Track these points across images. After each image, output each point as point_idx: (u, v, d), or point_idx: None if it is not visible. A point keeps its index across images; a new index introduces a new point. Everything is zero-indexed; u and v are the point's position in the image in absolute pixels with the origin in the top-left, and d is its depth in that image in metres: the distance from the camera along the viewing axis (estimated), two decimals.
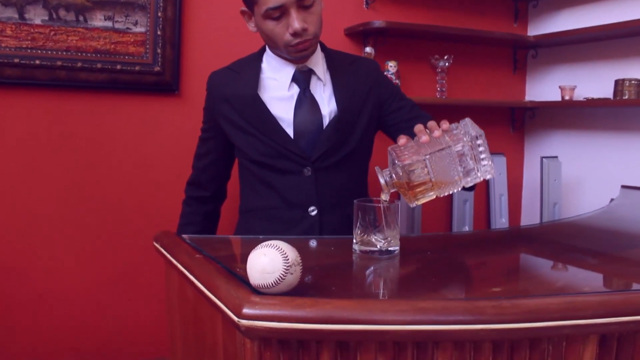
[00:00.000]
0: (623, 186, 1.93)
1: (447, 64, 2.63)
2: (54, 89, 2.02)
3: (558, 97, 2.67)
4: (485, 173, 1.09)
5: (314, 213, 1.44)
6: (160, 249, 1.15)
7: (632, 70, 2.46)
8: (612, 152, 2.59)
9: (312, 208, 1.44)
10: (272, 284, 0.80)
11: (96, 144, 2.10)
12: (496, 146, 2.86)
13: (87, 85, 2.04)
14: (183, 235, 1.22)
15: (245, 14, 1.45)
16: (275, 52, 1.47)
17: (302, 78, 1.46)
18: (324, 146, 1.43)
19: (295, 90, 1.46)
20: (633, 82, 2.33)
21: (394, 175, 1.08)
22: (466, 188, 1.13)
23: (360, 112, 1.48)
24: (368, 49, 2.43)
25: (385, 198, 1.09)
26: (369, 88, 1.50)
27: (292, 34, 1.36)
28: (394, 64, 2.46)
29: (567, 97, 2.61)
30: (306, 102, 1.45)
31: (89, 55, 2.03)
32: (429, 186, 1.07)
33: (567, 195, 2.77)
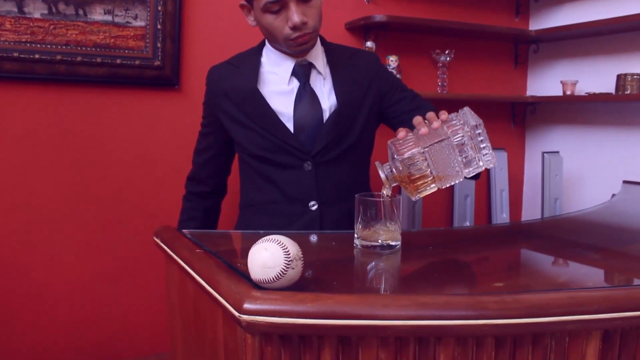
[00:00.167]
0: (625, 181, 1.93)
1: (448, 59, 2.62)
2: (53, 84, 2.01)
3: (559, 92, 2.67)
4: (486, 162, 1.08)
5: (314, 208, 1.44)
6: (161, 243, 1.14)
7: (634, 65, 2.45)
8: (613, 147, 2.59)
9: (312, 203, 1.44)
10: (273, 279, 0.79)
11: (96, 139, 2.09)
12: (497, 141, 2.86)
13: (87, 79, 2.04)
14: (183, 230, 1.22)
15: (245, 8, 1.44)
16: (274, 46, 1.46)
17: (302, 72, 1.46)
18: (324, 140, 1.42)
19: (295, 84, 1.46)
20: (635, 76, 2.33)
21: (394, 169, 1.07)
22: (470, 177, 1.12)
23: (360, 105, 1.47)
24: (369, 44, 2.42)
25: (387, 192, 1.09)
26: (369, 81, 1.50)
27: (291, 28, 1.35)
28: (395, 58, 2.45)
29: (568, 92, 2.60)
30: (306, 96, 1.44)
31: (88, 49, 2.02)
32: (429, 179, 1.07)
33: (568, 190, 2.76)
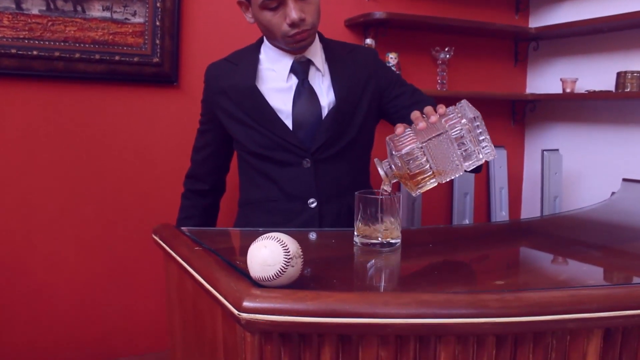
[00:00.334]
0: (624, 179, 1.93)
1: (447, 56, 2.61)
2: (51, 80, 2.00)
3: (559, 89, 2.66)
4: (486, 155, 1.07)
5: (313, 205, 1.43)
6: (160, 241, 1.14)
7: (634, 63, 2.44)
8: (613, 145, 2.58)
9: (311, 200, 1.43)
10: (272, 277, 0.79)
11: (94, 136, 2.08)
12: (497, 139, 2.85)
13: (85, 76, 2.02)
14: (182, 227, 1.21)
15: (242, 5, 1.44)
16: (273, 43, 1.46)
17: (301, 69, 1.45)
18: (323, 137, 1.41)
19: (294, 81, 1.45)
20: (635, 74, 2.32)
21: (392, 165, 1.06)
22: (470, 171, 1.12)
23: (359, 101, 1.46)
24: (369, 41, 2.42)
25: (387, 189, 1.08)
26: (368, 76, 1.49)
27: (289, 25, 1.35)
28: (395, 55, 2.45)
29: (568, 90, 2.60)
30: (305, 93, 1.43)
31: (87, 46, 2.01)
32: (429, 174, 1.06)
33: (567, 188, 2.76)
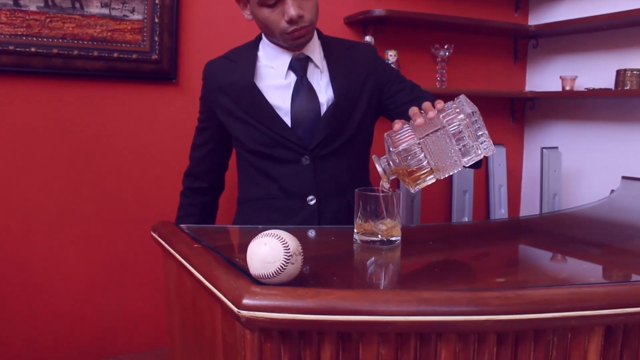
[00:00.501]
0: (624, 177, 1.93)
1: (447, 54, 2.61)
2: (49, 77, 1.99)
3: (559, 87, 2.66)
4: (484, 150, 1.07)
5: (312, 202, 1.43)
6: (158, 238, 1.13)
7: (633, 61, 2.44)
8: (613, 143, 2.58)
9: (310, 197, 1.43)
10: (272, 274, 0.78)
11: (93, 133, 2.08)
12: (496, 137, 2.84)
13: (84, 73, 2.02)
14: (181, 225, 1.21)
15: (241, 2, 1.43)
16: (271, 40, 1.45)
17: (299, 66, 1.45)
18: (322, 134, 1.41)
19: (292, 78, 1.44)
20: (635, 72, 2.32)
21: (390, 162, 1.06)
22: (470, 166, 1.11)
23: (358, 98, 1.46)
24: (368, 38, 2.41)
25: (386, 186, 1.08)
26: (367, 73, 1.48)
27: (287, 21, 1.34)
28: (394, 53, 2.44)
29: (567, 88, 2.60)
30: (303, 90, 1.43)
31: (85, 43, 2.00)
32: (427, 170, 1.06)
33: (567, 186, 2.76)
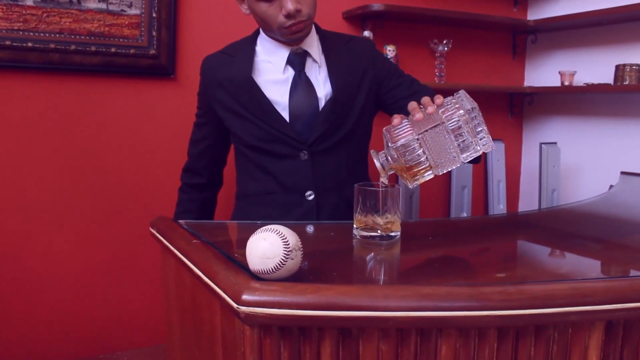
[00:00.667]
0: (622, 172, 1.92)
1: (446, 49, 2.60)
2: (47, 72, 1.98)
3: (557, 82, 2.65)
4: (483, 146, 1.06)
5: (311, 198, 1.42)
6: (157, 234, 1.13)
7: (633, 56, 2.44)
8: (611, 138, 2.58)
9: (309, 192, 1.42)
10: (272, 270, 0.78)
11: (90, 129, 2.07)
12: (494, 132, 2.85)
13: (81, 68, 2.01)
14: (180, 220, 1.20)
15: None
16: (269, 35, 1.44)
17: (297, 60, 1.44)
18: (320, 129, 1.40)
19: (290, 73, 1.44)
20: (634, 67, 2.32)
21: (389, 157, 1.05)
22: (469, 161, 1.10)
23: (356, 92, 1.45)
24: (366, 33, 2.40)
25: (385, 181, 1.07)
26: (365, 67, 1.48)
27: (285, 16, 1.33)
28: (393, 48, 2.43)
29: (566, 83, 2.59)
30: (301, 85, 1.42)
31: (82, 37, 1.99)
32: (425, 165, 1.05)
33: (565, 181, 2.75)
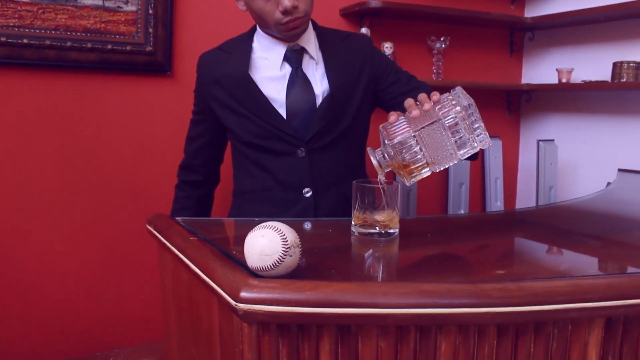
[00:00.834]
0: (620, 169, 1.92)
1: (443, 46, 2.60)
2: (43, 69, 1.97)
3: (555, 79, 2.65)
4: (480, 143, 1.06)
5: (308, 195, 1.42)
6: (154, 231, 1.12)
7: (630, 53, 2.43)
8: (609, 136, 2.58)
9: (306, 189, 1.42)
10: (270, 267, 0.77)
11: (87, 126, 2.06)
12: (492, 129, 2.84)
13: (77, 65, 1.99)
14: (176, 217, 1.20)
15: None
16: (266, 31, 1.44)
17: (294, 57, 1.43)
18: (317, 126, 1.40)
19: (287, 69, 1.43)
20: (631, 64, 2.32)
21: (385, 155, 1.05)
22: (467, 157, 1.10)
23: (353, 89, 1.45)
24: (364, 30, 2.40)
25: (382, 178, 1.07)
26: (362, 64, 1.47)
27: (282, 12, 1.33)
28: (390, 45, 2.43)
29: (564, 80, 2.59)
30: (298, 82, 1.42)
31: (78, 34, 1.98)
32: (422, 162, 1.04)
33: (563, 178, 2.75)
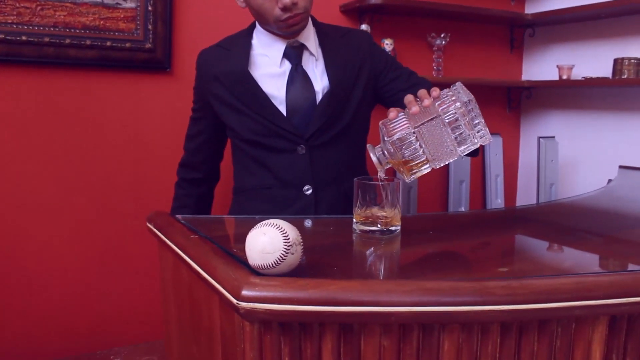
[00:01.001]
0: (621, 166, 1.92)
1: (443, 42, 2.59)
2: (41, 66, 1.96)
3: (555, 76, 2.64)
4: (481, 139, 1.05)
5: (309, 192, 1.41)
6: (154, 229, 1.11)
7: (631, 49, 2.43)
8: (610, 132, 2.57)
9: (307, 187, 1.41)
10: (272, 265, 0.77)
11: (86, 123, 2.05)
12: (492, 126, 2.81)
13: (76, 62, 1.98)
14: (177, 215, 1.19)
15: None
16: (265, 28, 1.43)
17: (294, 54, 1.43)
18: (317, 123, 1.39)
19: (287, 66, 1.43)
20: (632, 61, 2.31)
21: (385, 151, 1.04)
22: (467, 154, 1.09)
23: (354, 86, 1.44)
24: (364, 26, 2.39)
25: (382, 175, 1.06)
26: (362, 60, 1.47)
27: (281, 9, 1.32)
28: (390, 41, 2.42)
29: (564, 77, 2.58)
30: (298, 78, 1.41)
31: (77, 31, 1.96)
32: (422, 159, 1.04)
33: (563, 175, 2.75)
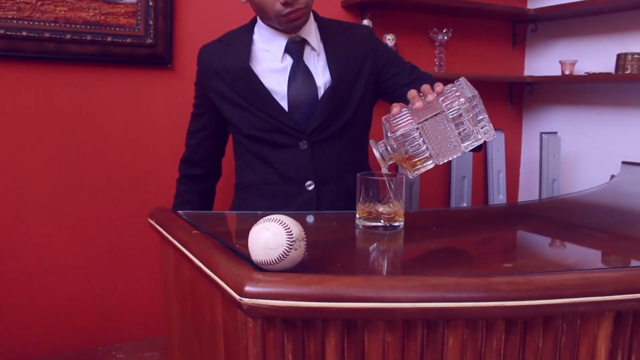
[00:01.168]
0: (624, 162, 1.91)
1: (445, 38, 2.58)
2: (42, 62, 1.96)
3: (558, 71, 2.64)
4: (485, 135, 1.04)
5: (311, 188, 1.41)
6: (156, 225, 1.11)
7: (634, 44, 2.42)
8: (613, 128, 2.56)
9: (309, 182, 1.41)
10: (275, 260, 0.76)
11: (86, 119, 2.04)
12: (494, 122, 2.77)
13: (77, 58, 1.98)
14: (179, 211, 1.18)
15: None
16: (266, 23, 1.42)
17: (296, 49, 1.42)
18: (319, 118, 1.38)
19: (289, 61, 1.42)
20: (635, 56, 2.30)
21: (388, 147, 1.04)
22: (471, 149, 1.09)
23: (355, 81, 1.43)
24: (366, 22, 2.38)
25: (385, 171, 1.06)
26: (364, 55, 1.46)
27: (282, 3, 1.31)
28: (392, 37, 2.41)
29: (567, 72, 2.58)
30: (300, 74, 1.40)
31: (78, 26, 1.96)
32: (426, 155, 1.03)
33: (566, 171, 2.74)
